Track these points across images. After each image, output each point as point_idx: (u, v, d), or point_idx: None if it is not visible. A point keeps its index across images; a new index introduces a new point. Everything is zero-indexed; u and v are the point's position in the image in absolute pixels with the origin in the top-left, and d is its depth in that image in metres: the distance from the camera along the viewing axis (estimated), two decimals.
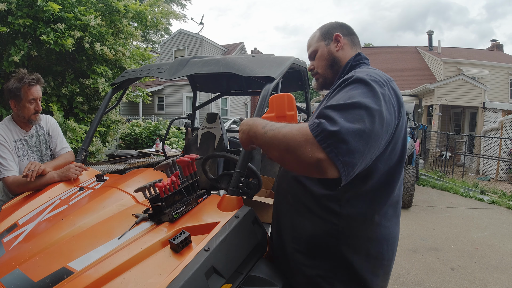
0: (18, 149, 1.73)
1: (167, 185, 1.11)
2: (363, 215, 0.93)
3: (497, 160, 7.94)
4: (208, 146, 2.77)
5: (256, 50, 19.68)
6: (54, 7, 2.53)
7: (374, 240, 0.95)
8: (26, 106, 1.68)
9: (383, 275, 0.99)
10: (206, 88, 3.18)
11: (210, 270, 0.88)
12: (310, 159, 0.71)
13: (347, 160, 0.70)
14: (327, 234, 0.95)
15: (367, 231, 0.94)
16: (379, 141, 0.78)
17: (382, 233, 0.96)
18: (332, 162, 0.70)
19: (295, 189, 1.03)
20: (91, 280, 0.83)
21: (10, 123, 1.76)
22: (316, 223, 0.96)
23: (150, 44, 23.74)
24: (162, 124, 8.37)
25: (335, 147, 0.70)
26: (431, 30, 15.79)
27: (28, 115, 1.71)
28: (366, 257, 0.95)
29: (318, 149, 0.71)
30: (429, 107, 11.49)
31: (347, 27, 1.13)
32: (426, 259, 3.27)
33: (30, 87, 1.67)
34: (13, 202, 1.50)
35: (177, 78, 1.75)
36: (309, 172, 0.75)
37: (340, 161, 0.70)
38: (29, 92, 1.67)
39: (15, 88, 1.65)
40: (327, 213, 0.94)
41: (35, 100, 1.70)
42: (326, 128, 0.71)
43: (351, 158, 0.71)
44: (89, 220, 1.14)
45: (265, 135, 0.83)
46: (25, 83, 1.65)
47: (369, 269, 0.95)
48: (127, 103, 7.46)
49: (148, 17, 3.50)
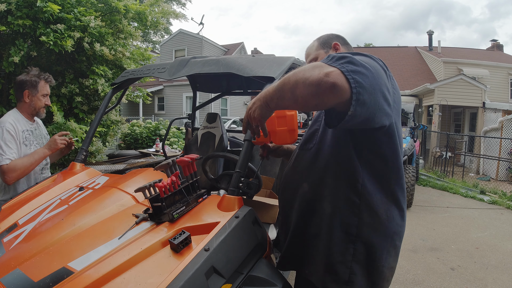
0: (26, 138, 1.81)
1: (167, 185, 1.11)
2: (381, 193, 0.98)
3: (497, 160, 7.94)
4: (208, 146, 2.77)
5: (256, 50, 19.68)
6: (53, 8, 2.53)
7: (391, 219, 0.99)
8: (40, 98, 1.84)
9: (394, 255, 1.02)
10: (206, 88, 3.18)
11: (210, 270, 0.88)
12: (319, 75, 0.72)
13: (356, 75, 0.72)
14: (350, 214, 0.97)
15: (385, 209, 0.98)
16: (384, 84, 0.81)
17: (397, 214, 1.01)
18: (342, 74, 0.71)
19: (312, 176, 1.06)
20: (91, 280, 0.83)
21: (17, 114, 1.84)
22: (338, 204, 0.99)
23: (150, 44, 23.74)
24: (162, 124, 8.37)
25: (344, 64, 0.73)
26: (431, 30, 15.80)
27: (39, 107, 1.86)
28: (384, 236, 0.98)
29: (328, 67, 0.73)
30: (429, 107, 11.49)
31: (343, 38, 1.23)
32: (426, 259, 3.27)
33: (46, 83, 1.86)
34: (13, 202, 1.50)
35: (177, 78, 1.75)
36: (321, 92, 0.73)
37: (351, 76, 0.71)
38: (45, 87, 1.85)
39: (34, 80, 1.80)
40: (350, 193, 0.97)
41: (47, 95, 1.88)
42: (335, 55, 0.77)
43: (360, 75, 0.72)
44: (89, 220, 1.14)
45: (277, 85, 0.83)
46: (43, 78, 1.84)
47: (385, 248, 0.99)
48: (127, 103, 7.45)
49: (148, 17, 3.49)
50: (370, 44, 34.47)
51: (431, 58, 14.66)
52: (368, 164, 0.97)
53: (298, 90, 0.76)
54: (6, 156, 1.64)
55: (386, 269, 1.00)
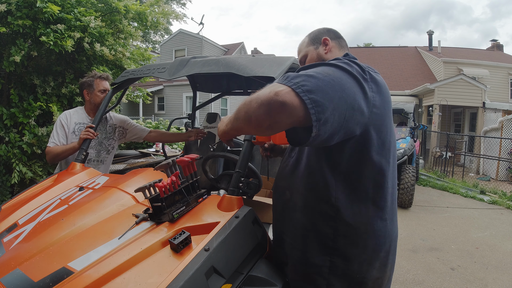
0: (79, 130, 2.05)
1: (167, 185, 1.11)
2: (358, 206, 0.94)
3: (497, 160, 7.94)
4: (208, 146, 2.77)
5: (256, 50, 19.67)
6: (53, 9, 2.53)
7: (370, 232, 0.96)
8: (97, 94, 2.08)
9: (379, 267, 0.99)
10: (206, 88, 3.18)
11: (210, 270, 0.88)
12: (270, 94, 0.69)
13: (313, 95, 0.68)
14: (325, 226, 0.95)
15: (363, 222, 0.95)
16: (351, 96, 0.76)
17: (379, 225, 0.97)
18: (293, 92, 0.68)
19: (292, 185, 1.05)
20: (91, 280, 0.83)
21: (80, 109, 2.15)
22: (314, 217, 0.98)
23: (150, 44, 23.73)
24: (162, 124, 8.36)
25: (298, 81, 0.70)
26: (431, 30, 15.80)
27: (98, 102, 2.09)
28: (363, 249, 0.95)
29: (280, 85, 0.70)
30: (429, 107, 11.49)
31: (334, 32, 1.19)
32: (426, 259, 3.27)
33: (101, 80, 2.11)
34: (13, 202, 1.50)
35: (177, 78, 1.75)
36: (272, 111, 0.69)
37: (306, 96, 0.68)
38: (100, 84, 2.10)
39: (89, 80, 2.09)
40: (324, 205, 0.95)
41: (105, 91, 2.11)
42: (291, 74, 0.73)
43: (317, 94, 0.69)
44: (89, 220, 1.14)
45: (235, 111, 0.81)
46: (97, 77, 2.10)
47: (366, 261, 0.96)
48: (127, 103, 7.45)
49: (148, 18, 3.49)
50: (370, 44, 34.44)
51: (431, 58, 14.65)
52: (342, 176, 0.94)
53: (251, 109, 0.73)
54: (52, 140, 1.96)
55: (370, 281, 0.97)
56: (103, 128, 2.18)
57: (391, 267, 1.05)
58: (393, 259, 1.06)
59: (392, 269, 1.06)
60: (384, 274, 1.02)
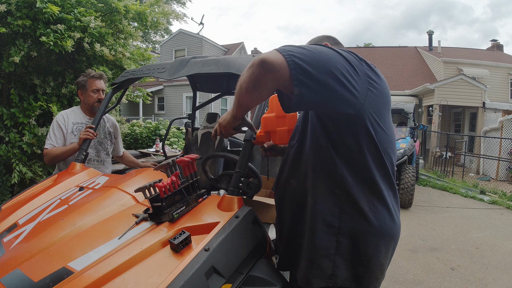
0: (77, 130, 2.04)
1: (167, 185, 1.11)
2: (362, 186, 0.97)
3: (497, 160, 7.94)
4: (208, 146, 2.77)
5: (256, 50, 19.67)
6: (53, 9, 2.53)
7: (375, 212, 0.97)
8: (90, 95, 2.06)
9: (384, 252, 0.99)
10: (206, 88, 3.18)
11: (210, 270, 0.88)
12: (255, 58, 0.77)
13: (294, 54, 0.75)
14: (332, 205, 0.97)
15: (367, 201, 0.97)
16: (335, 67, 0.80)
17: (382, 209, 0.98)
18: (278, 52, 0.75)
19: (298, 171, 1.08)
20: (91, 280, 0.83)
21: (77, 109, 2.14)
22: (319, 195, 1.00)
23: (150, 44, 23.73)
24: (162, 124, 8.36)
25: (284, 47, 0.78)
26: (431, 30, 15.80)
27: (92, 102, 2.07)
28: (369, 229, 0.96)
29: (269, 53, 0.77)
30: (429, 107, 11.49)
31: (334, 38, 1.23)
32: (426, 259, 3.27)
33: (94, 79, 2.06)
34: (13, 202, 1.50)
35: (177, 78, 1.75)
36: (256, 72, 0.77)
37: (287, 54, 0.74)
38: (93, 83, 2.05)
39: (82, 80, 2.06)
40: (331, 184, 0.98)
41: (98, 90, 2.07)
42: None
43: (298, 55, 0.75)
44: (89, 220, 1.14)
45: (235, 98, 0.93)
46: (90, 76, 2.05)
47: (371, 242, 0.97)
48: (127, 103, 7.45)
49: (148, 18, 3.49)
50: (370, 44, 34.43)
51: (431, 58, 14.65)
52: (345, 154, 0.97)
53: (242, 77, 0.83)
54: (49, 141, 1.94)
55: (374, 265, 0.97)
56: (101, 128, 2.18)
57: (390, 257, 1.05)
58: (394, 250, 1.06)
59: (390, 260, 1.07)
60: (386, 261, 1.02)
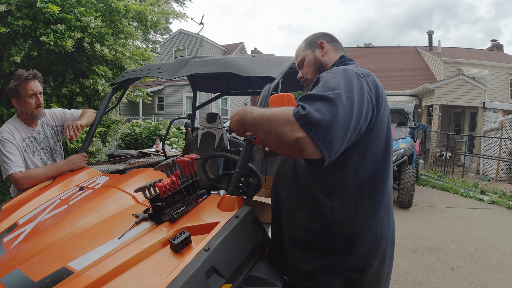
0: (28, 146, 1.75)
1: (167, 185, 1.11)
2: (354, 206, 0.96)
3: (497, 160, 7.93)
4: (208, 146, 2.77)
5: (256, 50, 19.67)
6: (53, 9, 2.53)
7: (367, 230, 0.97)
8: (27, 101, 1.71)
9: (377, 264, 1.00)
10: (206, 88, 3.18)
11: (210, 270, 0.88)
12: (290, 138, 0.76)
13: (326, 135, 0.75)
14: (321, 227, 0.98)
15: (360, 221, 0.97)
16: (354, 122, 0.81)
17: (375, 223, 0.98)
18: (311, 140, 0.74)
19: (289, 185, 1.08)
20: (91, 280, 0.83)
21: (17, 122, 1.77)
22: (310, 217, 1.00)
23: (150, 44, 23.72)
24: (162, 124, 8.37)
25: (315, 127, 0.75)
26: (431, 30, 15.80)
27: (31, 110, 1.73)
28: (360, 247, 0.97)
29: (299, 130, 0.75)
30: (429, 107, 11.48)
31: (330, 35, 1.23)
32: (426, 259, 3.27)
33: (28, 82, 1.70)
34: (13, 202, 1.49)
35: (177, 78, 1.75)
36: (290, 151, 0.79)
37: (320, 139, 0.74)
38: (27, 87, 1.70)
39: (15, 85, 1.69)
40: (320, 206, 0.97)
41: (34, 94, 1.73)
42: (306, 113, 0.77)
43: (329, 135, 0.75)
44: (89, 220, 1.14)
45: (253, 119, 0.89)
46: (22, 79, 1.69)
47: (362, 258, 0.97)
48: (127, 103, 7.46)
49: (148, 17, 3.50)
50: (370, 44, 34.40)
51: (431, 58, 14.65)
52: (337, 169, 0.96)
53: (270, 137, 0.82)
54: (15, 164, 1.62)
55: (367, 278, 0.99)
56: (43, 135, 1.87)
57: (389, 264, 1.06)
58: (391, 256, 1.07)
59: (390, 266, 1.07)
60: (382, 271, 1.03)
